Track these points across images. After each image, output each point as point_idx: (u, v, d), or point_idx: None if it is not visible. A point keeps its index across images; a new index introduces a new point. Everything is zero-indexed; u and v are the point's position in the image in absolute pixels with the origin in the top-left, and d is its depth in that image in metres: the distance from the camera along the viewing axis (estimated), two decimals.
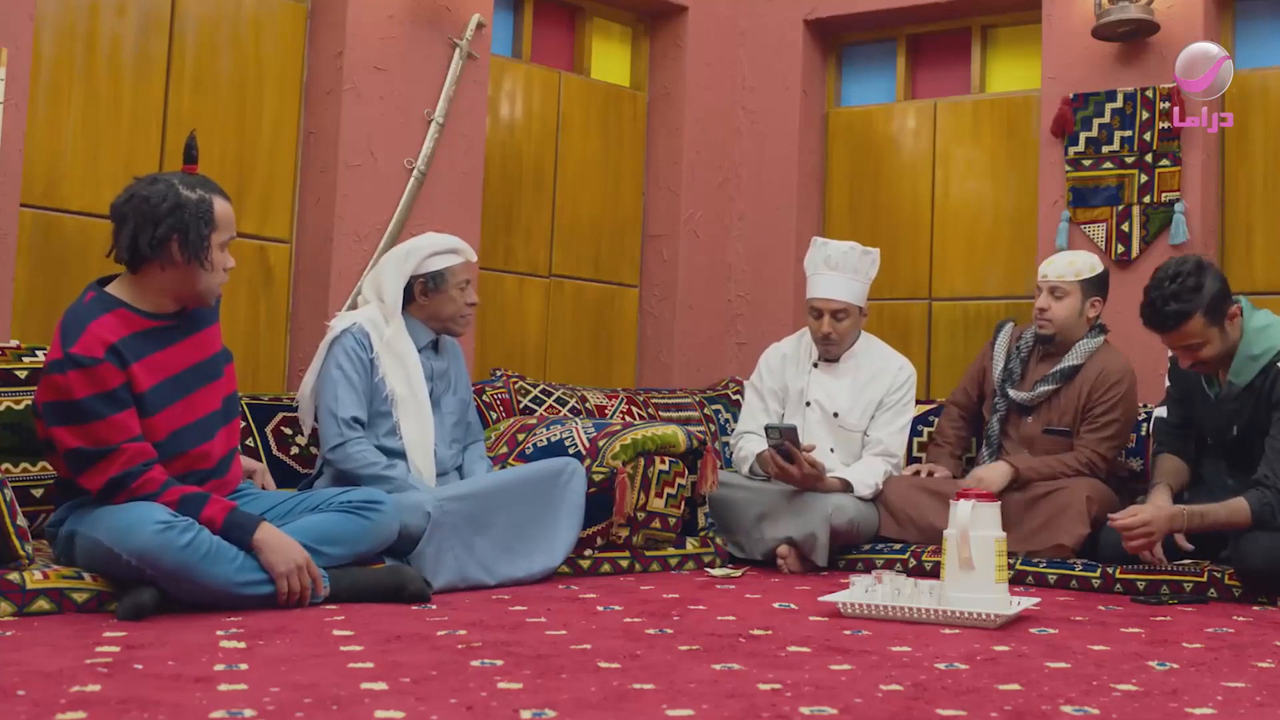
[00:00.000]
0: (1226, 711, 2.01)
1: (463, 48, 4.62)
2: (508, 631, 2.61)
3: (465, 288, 3.68)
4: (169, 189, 2.84)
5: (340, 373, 3.52)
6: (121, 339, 2.81)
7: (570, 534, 3.57)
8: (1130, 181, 4.76)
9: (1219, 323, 3.47)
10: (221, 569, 2.74)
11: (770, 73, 5.57)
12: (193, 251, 2.84)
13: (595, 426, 3.96)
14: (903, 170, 5.48)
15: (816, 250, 4.25)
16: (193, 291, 2.92)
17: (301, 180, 4.45)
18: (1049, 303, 4.09)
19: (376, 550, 3.11)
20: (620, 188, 5.46)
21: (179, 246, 2.83)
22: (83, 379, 2.74)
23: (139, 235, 2.82)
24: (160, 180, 2.87)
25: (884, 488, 4.11)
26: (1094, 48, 4.84)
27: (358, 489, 3.16)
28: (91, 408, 2.74)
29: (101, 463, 2.76)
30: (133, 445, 2.78)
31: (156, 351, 2.88)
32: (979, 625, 2.87)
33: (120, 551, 2.67)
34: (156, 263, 2.85)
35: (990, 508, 3.02)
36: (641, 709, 1.90)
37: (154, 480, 2.78)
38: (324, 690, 1.96)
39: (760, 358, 4.45)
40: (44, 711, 1.76)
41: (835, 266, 4.18)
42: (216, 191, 2.94)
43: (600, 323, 5.40)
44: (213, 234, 2.87)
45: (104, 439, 2.75)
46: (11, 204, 3.69)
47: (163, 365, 2.89)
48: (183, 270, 2.86)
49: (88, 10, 3.98)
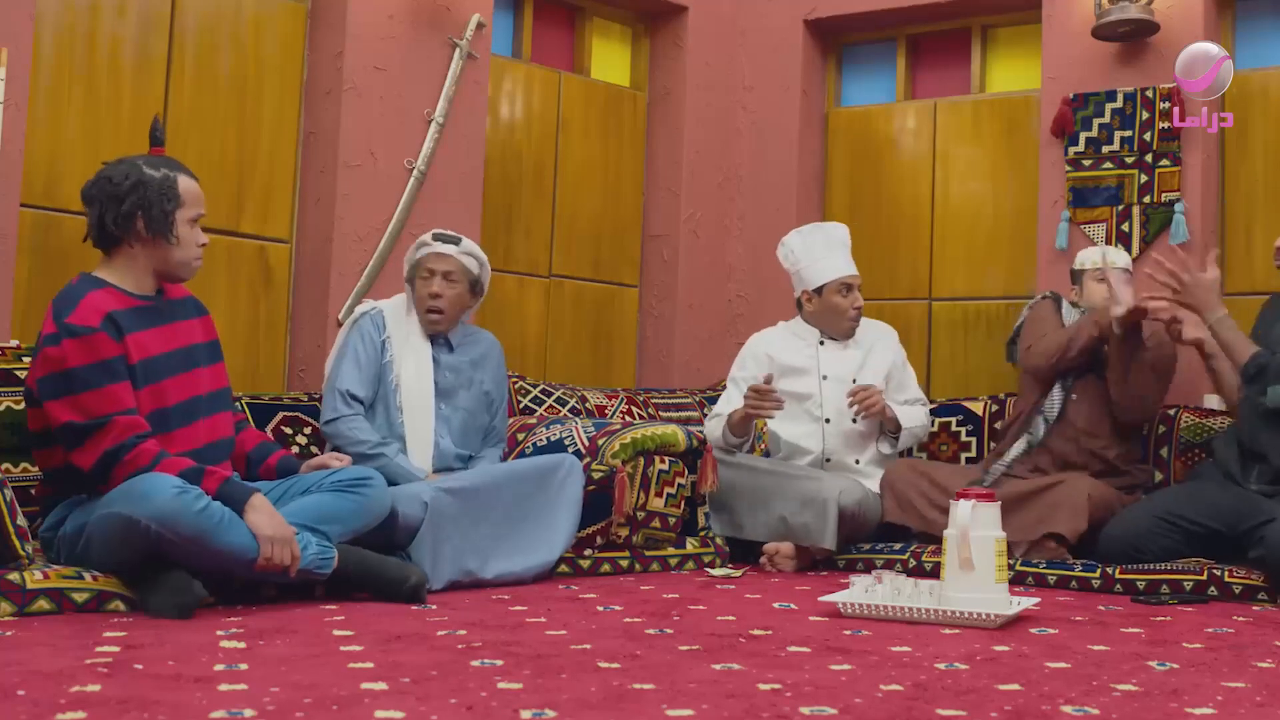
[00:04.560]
0: (1226, 711, 2.01)
1: (463, 48, 4.62)
2: (508, 631, 2.61)
3: (429, 278, 3.77)
4: (131, 168, 2.95)
5: (350, 349, 3.71)
6: (115, 310, 2.88)
7: (568, 529, 3.57)
8: (1130, 181, 4.76)
9: None
10: (237, 537, 2.74)
11: (770, 73, 5.57)
12: (158, 227, 2.93)
13: (595, 426, 3.96)
14: (903, 170, 5.48)
15: (822, 234, 4.38)
16: (165, 267, 2.99)
17: (301, 180, 4.45)
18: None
19: (371, 526, 3.10)
20: (620, 188, 5.46)
21: (144, 223, 2.92)
22: (78, 348, 2.80)
23: (105, 214, 2.92)
24: (124, 162, 2.98)
25: (888, 472, 4.16)
26: (1094, 48, 4.83)
27: (347, 469, 3.16)
28: (85, 377, 2.79)
29: (94, 436, 2.78)
30: (125, 418, 2.80)
31: (143, 330, 2.93)
32: (979, 625, 2.87)
33: (139, 517, 2.66)
34: (125, 241, 2.94)
35: (990, 508, 3.02)
36: (641, 709, 1.90)
37: (147, 452, 2.80)
38: (324, 690, 1.96)
39: (743, 350, 4.49)
40: (44, 711, 1.76)
41: (845, 245, 4.38)
42: (182, 170, 3.02)
43: (600, 323, 5.40)
44: (177, 210, 2.96)
45: (96, 410, 2.78)
46: (11, 204, 3.69)
47: (145, 344, 2.93)
48: (150, 246, 2.94)
49: (88, 10, 3.98)
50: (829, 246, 4.33)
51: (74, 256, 3.96)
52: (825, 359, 4.34)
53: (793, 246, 4.38)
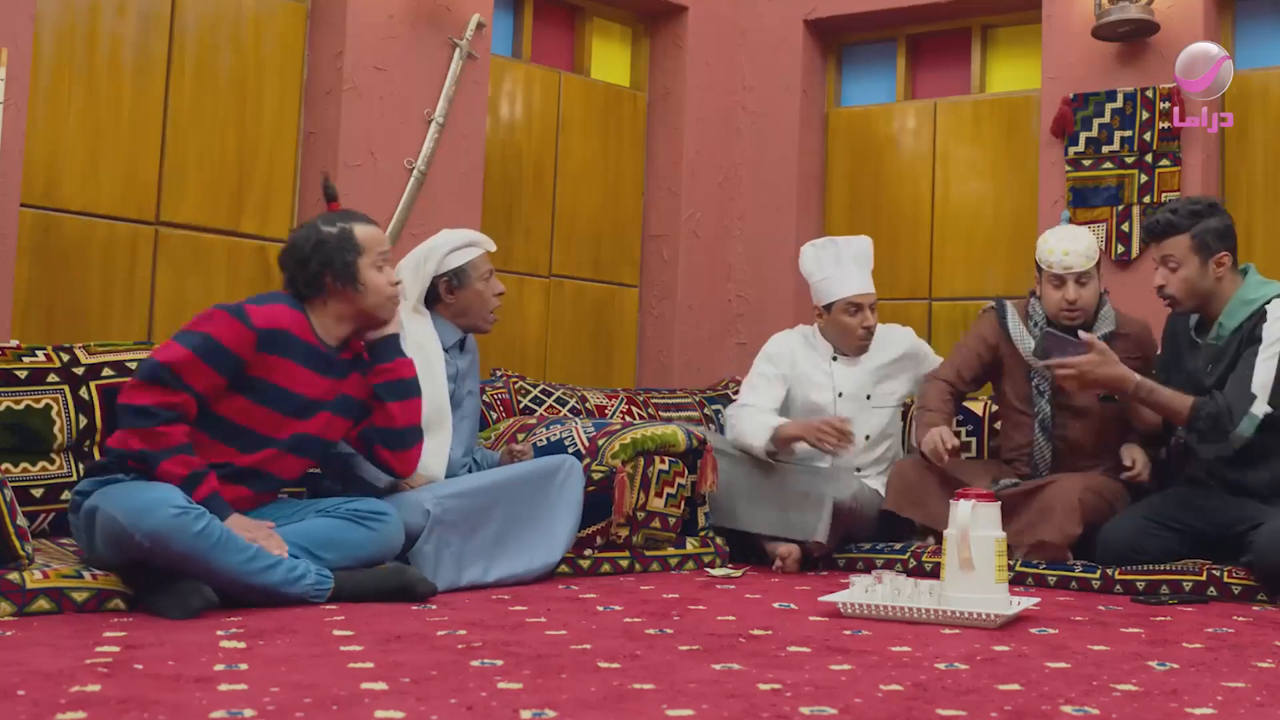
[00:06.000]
0: (1226, 711, 2.01)
1: (463, 48, 4.62)
2: (508, 631, 2.61)
3: (489, 278, 3.70)
4: (310, 230, 3.13)
5: None
6: (286, 332, 2.99)
7: (569, 530, 3.56)
8: (1130, 181, 4.76)
9: (1203, 257, 3.60)
10: (230, 558, 2.75)
11: (770, 73, 5.57)
12: (344, 279, 3.08)
13: (595, 426, 3.96)
14: (903, 170, 5.48)
15: (834, 249, 4.23)
16: (359, 312, 3.13)
17: (301, 180, 4.45)
18: (1077, 294, 3.91)
19: (381, 560, 3.12)
20: (620, 188, 5.46)
21: (331, 277, 3.07)
22: (224, 322, 2.92)
23: (296, 277, 3.09)
24: (305, 225, 3.17)
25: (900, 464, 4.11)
26: (1094, 48, 4.84)
27: (365, 499, 3.17)
28: (199, 342, 2.89)
29: (151, 386, 2.84)
30: (186, 396, 2.86)
31: (303, 366, 3.03)
32: (979, 625, 2.87)
33: (134, 532, 2.67)
34: (319, 297, 3.10)
35: (990, 508, 3.02)
36: (641, 709, 1.90)
37: (172, 436, 2.85)
38: (324, 690, 1.96)
39: (769, 344, 4.34)
40: (44, 711, 1.76)
41: (862, 261, 4.23)
42: (357, 219, 3.17)
43: (600, 323, 5.40)
44: (359, 258, 3.09)
45: (177, 368, 2.85)
46: (11, 204, 3.69)
47: (295, 378, 3.02)
48: (343, 297, 3.10)
49: (88, 10, 3.98)
50: (839, 262, 4.20)
51: (74, 256, 3.96)
52: (839, 375, 4.27)
53: (806, 258, 4.29)
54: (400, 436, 3.23)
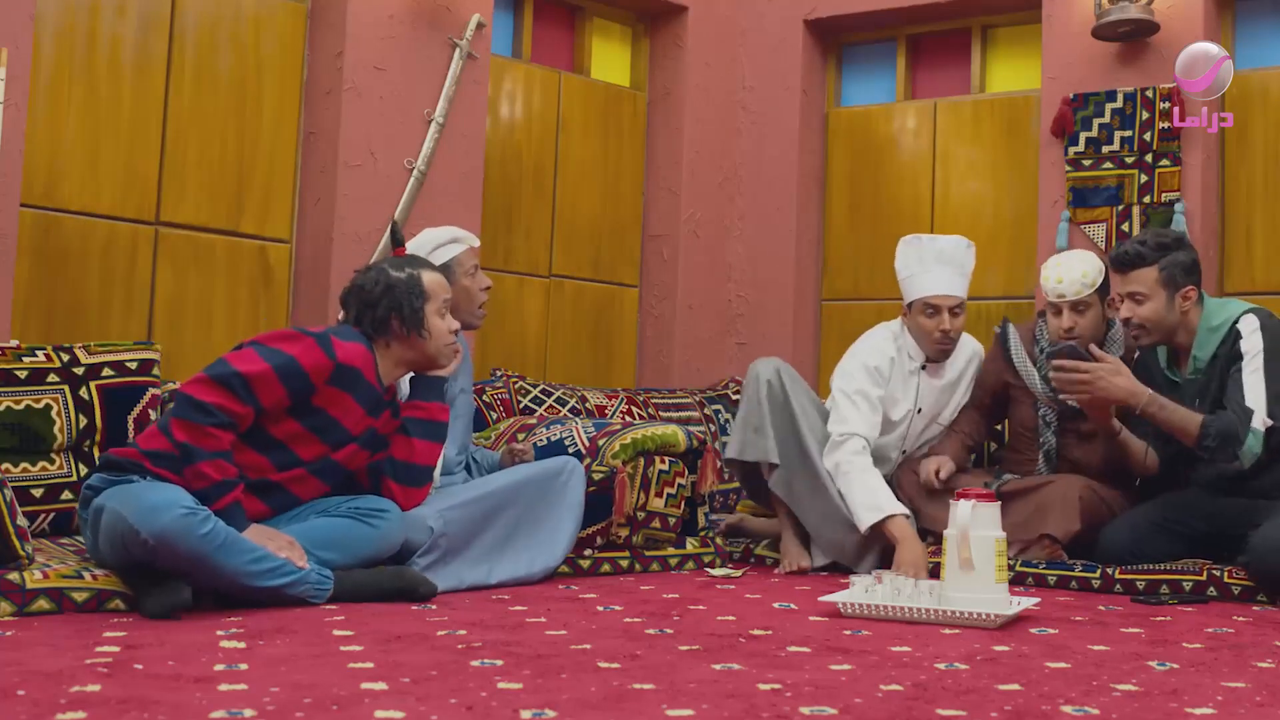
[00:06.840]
0: (1226, 711, 2.01)
1: (463, 48, 4.62)
2: (508, 631, 2.61)
3: (475, 273, 3.69)
4: (380, 274, 3.19)
5: None
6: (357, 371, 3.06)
7: (570, 533, 3.56)
8: (1130, 181, 4.76)
9: (1170, 290, 3.62)
10: (235, 560, 2.75)
11: (770, 73, 5.57)
12: (411, 324, 3.16)
13: (595, 426, 3.96)
14: (903, 170, 5.48)
15: (919, 246, 4.03)
16: (420, 357, 3.21)
17: (301, 180, 4.45)
18: (1073, 321, 3.86)
19: (380, 559, 3.12)
20: (620, 188, 5.47)
21: (398, 321, 3.15)
22: (309, 350, 2.97)
23: (361, 319, 3.15)
24: (373, 268, 3.24)
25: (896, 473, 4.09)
26: (1094, 48, 4.84)
27: (366, 496, 3.17)
28: (281, 362, 2.93)
29: (219, 388, 2.87)
30: (248, 408, 2.89)
31: (356, 401, 3.08)
32: (979, 625, 2.87)
33: (141, 531, 2.67)
34: (383, 339, 3.16)
35: (990, 508, 3.02)
36: (641, 709, 1.90)
37: (220, 440, 2.86)
38: (324, 690, 1.96)
39: (869, 354, 4.06)
40: (44, 711, 1.76)
41: (947, 260, 4.00)
42: (424, 266, 3.25)
43: (600, 323, 5.40)
44: (425, 304, 3.18)
45: (249, 381, 2.88)
46: (11, 204, 3.69)
47: (345, 409, 3.07)
48: (406, 341, 3.18)
49: (88, 10, 3.98)
50: (922, 260, 4.01)
51: (74, 256, 3.96)
52: (924, 389, 4.10)
53: (899, 254, 4.11)
54: (414, 473, 3.27)
